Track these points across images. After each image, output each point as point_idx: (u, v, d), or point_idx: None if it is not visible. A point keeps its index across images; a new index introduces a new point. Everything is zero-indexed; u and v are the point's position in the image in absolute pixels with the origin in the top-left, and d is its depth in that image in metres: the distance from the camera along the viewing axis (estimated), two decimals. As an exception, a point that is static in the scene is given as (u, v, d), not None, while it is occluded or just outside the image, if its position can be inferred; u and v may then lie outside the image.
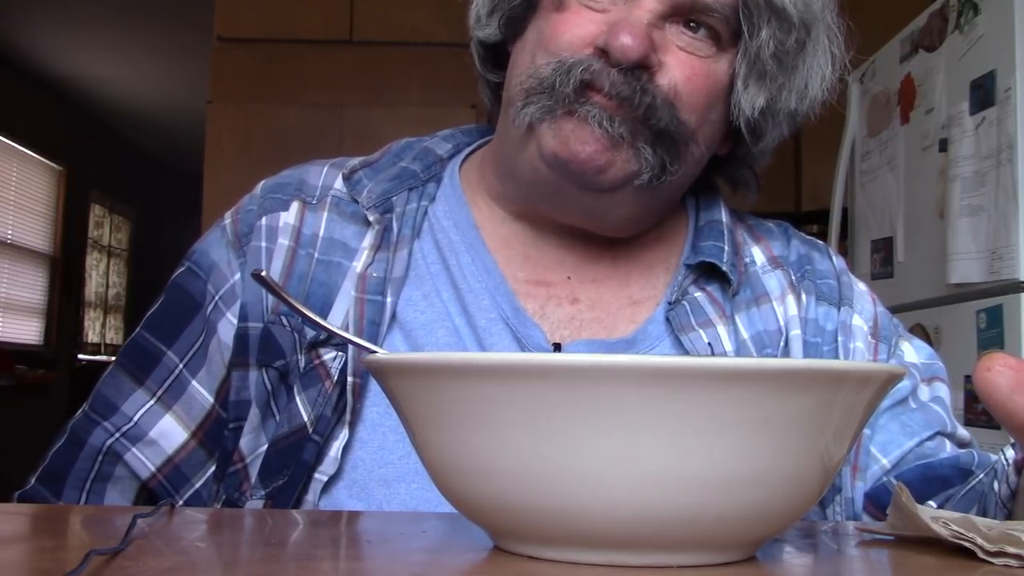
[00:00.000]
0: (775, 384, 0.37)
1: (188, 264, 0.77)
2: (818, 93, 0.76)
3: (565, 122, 0.68)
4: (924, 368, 0.78)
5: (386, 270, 0.72)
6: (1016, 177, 1.65)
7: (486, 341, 0.71)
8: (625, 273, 0.77)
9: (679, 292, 0.75)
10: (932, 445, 0.73)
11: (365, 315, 0.70)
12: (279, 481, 0.67)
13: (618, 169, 0.69)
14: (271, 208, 0.76)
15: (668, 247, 0.80)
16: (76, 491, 0.71)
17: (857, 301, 0.79)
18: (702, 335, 0.72)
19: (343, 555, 0.46)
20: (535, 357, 0.38)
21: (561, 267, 0.77)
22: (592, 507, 0.39)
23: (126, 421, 0.72)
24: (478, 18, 0.77)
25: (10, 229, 5.30)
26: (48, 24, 4.78)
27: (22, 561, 0.42)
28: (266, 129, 3.09)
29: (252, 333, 0.72)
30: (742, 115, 0.73)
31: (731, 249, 0.77)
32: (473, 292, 0.73)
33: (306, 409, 0.68)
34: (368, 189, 0.75)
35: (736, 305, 0.75)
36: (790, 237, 0.83)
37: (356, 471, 0.67)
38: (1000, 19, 1.73)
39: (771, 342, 0.74)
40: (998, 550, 0.43)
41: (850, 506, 0.72)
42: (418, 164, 0.79)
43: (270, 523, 0.56)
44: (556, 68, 0.68)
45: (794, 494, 0.41)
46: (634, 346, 0.73)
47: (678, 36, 0.70)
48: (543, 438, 0.38)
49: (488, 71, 0.80)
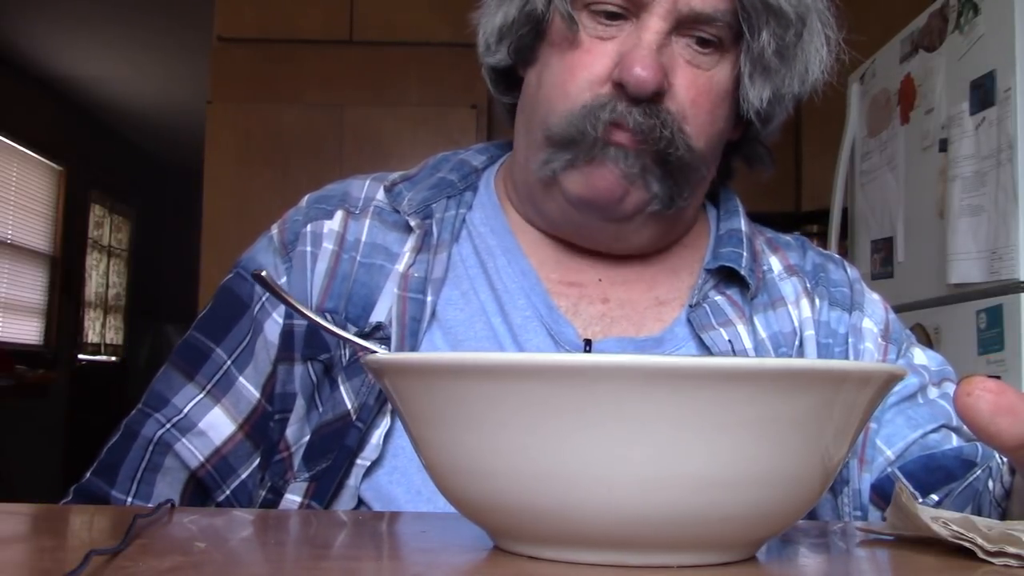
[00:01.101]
0: (775, 384, 0.37)
1: (236, 270, 0.81)
2: (818, 74, 0.78)
3: (587, 166, 0.72)
4: (935, 373, 0.80)
5: (427, 271, 0.76)
6: (1016, 177, 1.65)
7: (521, 337, 0.75)
8: (652, 276, 0.81)
9: (700, 295, 0.78)
10: (937, 437, 0.75)
11: (407, 311, 0.74)
12: (323, 464, 0.70)
13: (633, 197, 0.73)
14: (316, 217, 0.80)
15: (691, 253, 0.83)
16: (128, 480, 0.74)
17: (868, 306, 0.82)
18: (723, 333, 0.75)
19: (343, 555, 0.46)
20: (534, 357, 0.38)
21: (592, 270, 0.80)
22: (592, 507, 0.39)
23: (176, 413, 0.75)
24: (487, 46, 0.80)
25: (10, 229, 5.30)
26: (48, 24, 4.78)
27: (22, 561, 0.42)
28: (266, 129, 3.09)
29: (297, 330, 0.75)
30: (751, 108, 0.76)
31: (749, 256, 0.80)
32: (509, 292, 0.77)
33: (350, 397, 0.71)
34: (408, 198, 0.80)
35: (754, 308, 0.78)
36: (806, 249, 0.87)
37: (397, 458, 0.70)
38: (1000, 19, 1.73)
39: (786, 342, 0.78)
40: (998, 550, 0.43)
41: (857, 497, 0.74)
42: (455, 174, 0.83)
43: (270, 523, 0.56)
44: (583, 116, 0.71)
45: (794, 494, 0.41)
46: (662, 345, 0.76)
47: (684, 50, 0.73)
48: (542, 438, 0.38)
49: (501, 94, 0.84)
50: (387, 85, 3.15)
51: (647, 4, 0.71)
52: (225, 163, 3.06)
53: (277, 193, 2.95)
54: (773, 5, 0.72)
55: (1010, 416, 0.46)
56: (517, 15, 0.76)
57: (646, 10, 0.71)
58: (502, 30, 0.78)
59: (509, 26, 0.77)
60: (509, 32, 0.77)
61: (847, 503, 0.74)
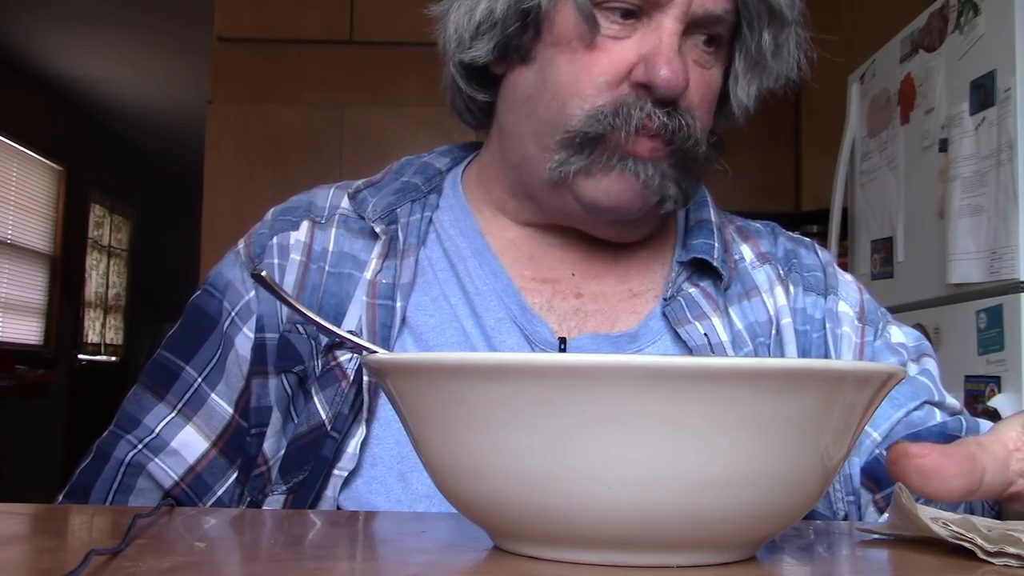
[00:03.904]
0: (775, 384, 0.37)
1: (204, 287, 0.80)
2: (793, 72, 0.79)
3: (604, 175, 0.72)
4: (912, 349, 0.81)
5: (395, 276, 0.75)
6: (1016, 177, 1.65)
7: (495, 339, 0.74)
8: (624, 269, 0.81)
9: (674, 288, 0.78)
10: (920, 414, 0.76)
11: (377, 319, 0.73)
12: (299, 476, 0.69)
13: (651, 205, 0.74)
14: (281, 229, 0.79)
15: (661, 244, 0.84)
16: (101, 503, 0.73)
17: (842, 289, 0.82)
18: (698, 327, 0.75)
19: (343, 555, 0.46)
20: (534, 357, 0.38)
21: (564, 264, 0.80)
22: (592, 507, 0.39)
23: (148, 433, 0.74)
24: (460, 41, 0.76)
25: (10, 229, 5.30)
26: (48, 24, 4.78)
27: (22, 561, 0.42)
28: (266, 129, 3.09)
29: (269, 343, 0.74)
30: (739, 105, 0.77)
31: (720, 246, 0.80)
32: (481, 295, 0.76)
33: (324, 408, 0.71)
34: (373, 204, 0.79)
35: (728, 299, 0.79)
36: (777, 235, 0.86)
37: (375, 467, 0.69)
38: (1000, 19, 1.73)
39: (763, 332, 0.78)
40: (998, 550, 0.43)
41: (848, 482, 0.75)
42: (419, 177, 0.82)
43: (270, 524, 0.56)
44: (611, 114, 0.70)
45: (794, 494, 0.41)
46: (636, 340, 0.76)
47: (691, 49, 0.73)
48: (542, 438, 0.38)
49: (473, 90, 0.80)
50: (387, 85, 3.14)
51: (663, 4, 0.70)
52: (225, 163, 3.06)
53: (277, 193, 2.93)
54: (775, 8, 0.73)
55: (936, 478, 0.47)
56: (506, 10, 0.73)
57: (661, 10, 0.70)
58: (482, 26, 0.74)
59: (494, 22, 0.74)
60: (493, 28, 0.74)
61: (839, 488, 0.74)
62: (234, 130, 3.09)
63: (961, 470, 0.48)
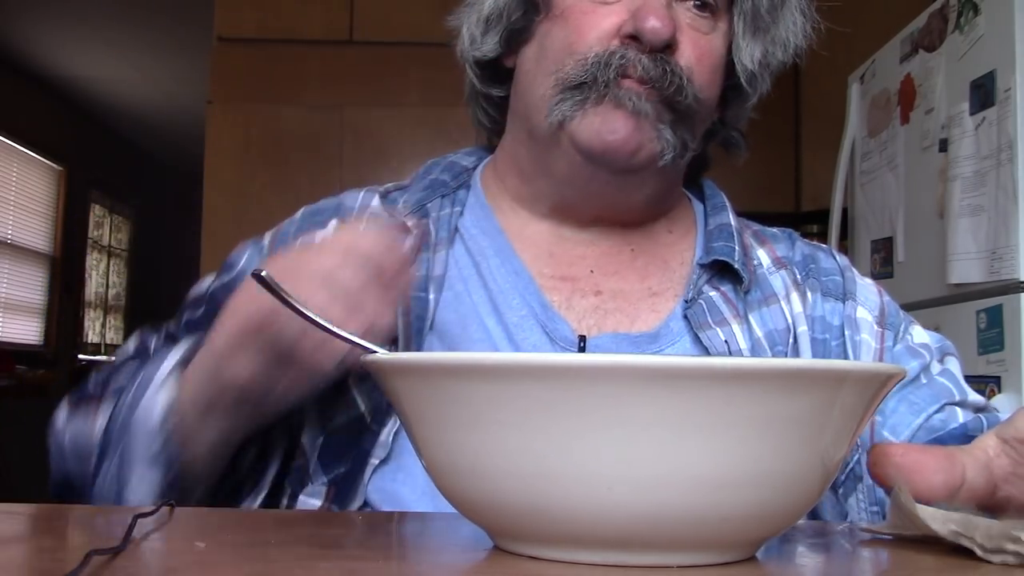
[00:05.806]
0: (775, 384, 0.37)
1: (225, 276, 0.81)
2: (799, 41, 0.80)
3: (595, 113, 0.73)
4: (936, 350, 0.81)
5: (428, 268, 0.76)
6: (1016, 177, 1.65)
7: (517, 336, 0.75)
8: (643, 267, 0.81)
9: (695, 291, 0.78)
10: (941, 417, 0.75)
11: (412, 311, 0.74)
12: (340, 469, 0.70)
13: (646, 150, 0.74)
14: (309, 228, 0.80)
15: (680, 244, 0.84)
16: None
17: (861, 293, 0.82)
18: (719, 333, 0.75)
19: (343, 555, 0.46)
20: (535, 357, 0.38)
21: (584, 261, 0.81)
22: (592, 507, 0.39)
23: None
24: (472, 39, 0.81)
25: (10, 229, 5.29)
26: (48, 24, 4.77)
27: (22, 561, 0.42)
28: (266, 129, 3.09)
29: None
30: (744, 71, 0.78)
31: (740, 250, 0.80)
32: (503, 292, 0.77)
33: (363, 399, 0.72)
34: (404, 200, 0.81)
35: (749, 305, 0.79)
36: (794, 241, 0.87)
37: (402, 457, 0.70)
38: (1000, 19, 1.73)
39: (781, 340, 0.77)
40: (997, 549, 0.43)
41: (872, 492, 0.74)
42: (447, 174, 0.85)
43: (270, 523, 0.56)
44: (594, 63, 0.73)
45: (794, 494, 0.41)
46: (657, 340, 0.76)
47: (685, 14, 0.76)
48: (542, 438, 0.38)
49: (489, 87, 0.84)
50: (387, 85, 3.14)
51: None
52: (225, 163, 3.05)
53: (277, 193, 2.95)
54: None
55: (917, 475, 0.48)
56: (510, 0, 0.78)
57: None
58: (490, 19, 0.79)
59: (499, 13, 0.79)
60: (499, 20, 0.79)
61: (862, 499, 0.74)
62: (234, 130, 3.09)
63: (940, 466, 0.49)
